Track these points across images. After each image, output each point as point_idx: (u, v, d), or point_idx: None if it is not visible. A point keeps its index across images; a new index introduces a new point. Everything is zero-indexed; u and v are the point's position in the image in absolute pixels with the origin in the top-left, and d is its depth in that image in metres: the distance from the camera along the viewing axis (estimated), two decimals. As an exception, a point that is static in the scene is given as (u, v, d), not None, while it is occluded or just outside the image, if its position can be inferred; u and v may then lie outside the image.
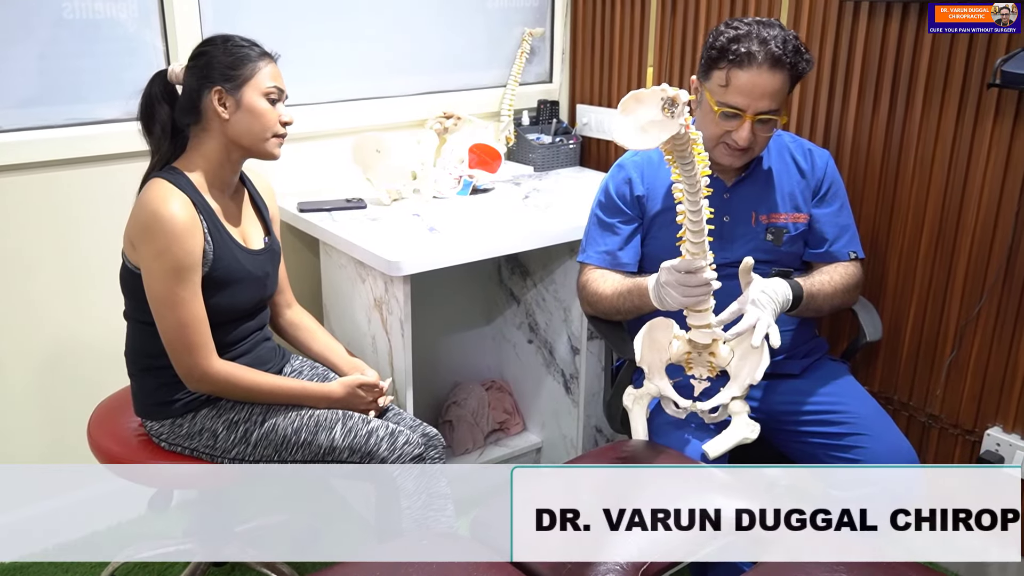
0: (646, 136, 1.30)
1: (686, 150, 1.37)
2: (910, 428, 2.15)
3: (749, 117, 1.72)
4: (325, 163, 2.47)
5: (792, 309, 1.72)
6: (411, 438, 1.76)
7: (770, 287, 1.65)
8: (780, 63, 1.69)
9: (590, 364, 2.36)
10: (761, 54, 1.68)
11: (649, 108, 1.29)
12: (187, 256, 1.62)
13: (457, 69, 2.71)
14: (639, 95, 1.30)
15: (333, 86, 2.48)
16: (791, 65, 1.70)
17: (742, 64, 1.69)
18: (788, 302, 1.69)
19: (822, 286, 1.80)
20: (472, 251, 2.08)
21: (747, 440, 1.62)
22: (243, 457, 1.74)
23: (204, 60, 1.69)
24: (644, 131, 1.30)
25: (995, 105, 1.88)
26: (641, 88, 1.30)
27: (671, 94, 1.28)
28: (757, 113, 1.71)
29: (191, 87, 1.69)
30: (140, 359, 1.77)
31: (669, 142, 1.32)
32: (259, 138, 1.71)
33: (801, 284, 1.74)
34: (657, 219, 1.88)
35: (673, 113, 1.28)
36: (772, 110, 1.72)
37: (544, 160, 2.74)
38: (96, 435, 1.83)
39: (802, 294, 1.72)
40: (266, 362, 1.85)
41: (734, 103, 1.72)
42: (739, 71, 1.70)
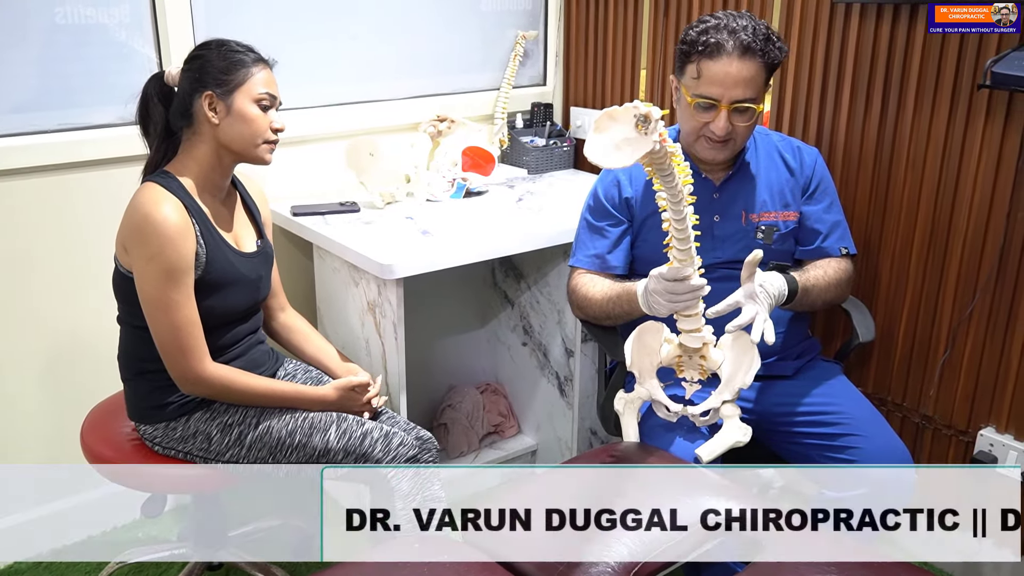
0: (620, 154, 1.30)
1: (665, 163, 1.36)
2: (904, 429, 2.15)
3: (724, 107, 1.73)
4: (319, 167, 2.47)
5: (787, 303, 1.73)
6: (405, 439, 1.76)
7: (767, 281, 1.66)
8: (750, 51, 1.70)
9: (584, 366, 2.36)
10: (731, 43, 1.70)
11: (623, 126, 1.29)
12: (180, 259, 1.62)
13: (451, 72, 2.71)
14: (612, 113, 1.30)
15: (326, 90, 2.48)
16: (762, 53, 1.71)
17: (712, 54, 1.71)
18: (783, 296, 1.70)
19: (816, 280, 1.81)
20: (466, 254, 2.08)
21: (739, 444, 1.62)
22: (237, 460, 1.74)
23: (198, 64, 1.69)
24: (618, 149, 1.29)
25: (986, 106, 1.88)
26: (616, 106, 1.30)
27: (644, 111, 1.28)
28: (732, 102, 1.72)
29: (184, 90, 1.69)
30: (133, 363, 1.77)
31: (646, 157, 1.32)
32: (249, 144, 1.71)
33: (796, 279, 1.75)
34: (647, 222, 1.88)
35: (647, 130, 1.28)
36: (747, 99, 1.73)
37: (538, 163, 2.74)
38: (89, 439, 1.83)
39: (797, 288, 1.73)
40: (260, 365, 1.85)
41: (708, 93, 1.73)
42: (710, 62, 1.71)
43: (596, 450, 1.71)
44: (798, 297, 1.74)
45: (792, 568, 1.32)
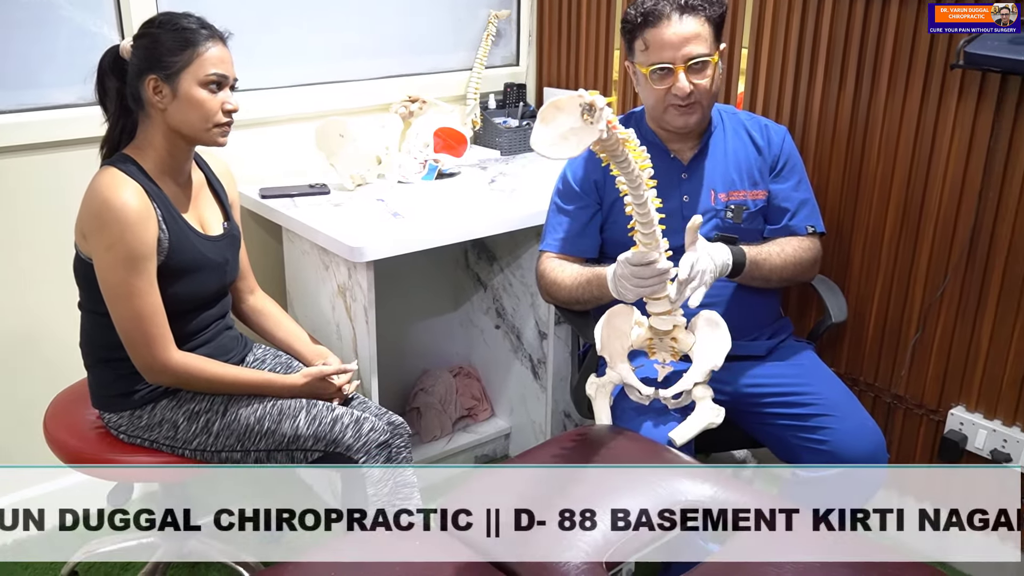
0: (567, 144, 1.28)
1: (617, 150, 1.35)
2: (875, 408, 2.16)
3: (680, 67, 1.74)
4: (288, 148, 2.43)
5: (734, 275, 1.73)
6: (377, 425, 1.74)
7: (712, 251, 1.66)
8: (689, 8, 1.73)
9: (558, 349, 2.35)
10: (668, 7, 1.73)
11: (568, 115, 1.27)
12: (141, 246, 1.57)
13: (422, 52, 2.67)
14: (558, 103, 1.28)
15: (296, 70, 2.43)
16: (702, 7, 1.74)
17: (654, 22, 1.74)
18: (727, 267, 1.70)
19: (769, 255, 1.81)
20: (438, 236, 2.06)
21: (713, 425, 1.62)
22: (205, 448, 1.72)
23: (144, 42, 1.62)
24: (565, 139, 1.27)
25: (959, 86, 1.88)
26: (561, 96, 1.28)
27: (589, 99, 1.25)
28: (686, 61, 1.73)
29: (132, 73, 1.63)
30: (97, 351, 1.73)
31: (597, 145, 1.30)
32: (199, 129, 1.64)
33: (745, 251, 1.75)
34: (616, 205, 1.86)
35: (593, 119, 1.26)
36: (700, 55, 1.74)
37: (511, 144, 2.71)
38: (53, 428, 1.79)
39: (744, 260, 1.74)
40: (228, 351, 1.82)
41: (660, 59, 1.74)
42: (654, 30, 1.74)
43: (568, 434, 1.69)
44: (747, 270, 1.75)
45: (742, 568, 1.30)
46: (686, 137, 1.87)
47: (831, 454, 1.72)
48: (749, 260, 1.75)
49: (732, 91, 2.32)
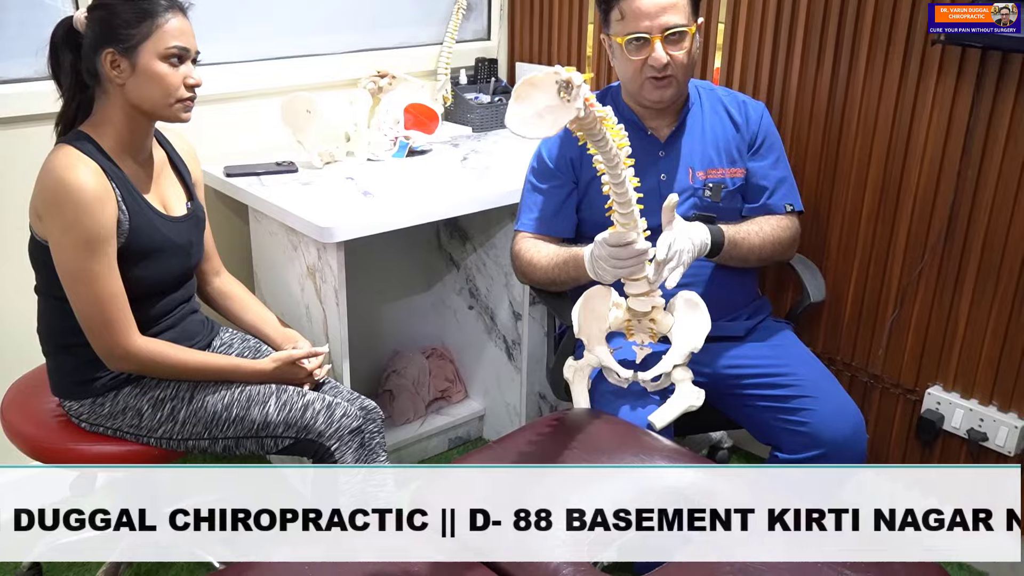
0: (543, 123, 1.24)
1: (595, 128, 1.31)
2: (852, 388, 2.15)
3: (657, 37, 1.70)
4: (253, 125, 2.36)
5: (712, 255, 1.71)
6: (349, 410, 1.70)
7: (690, 231, 1.64)
8: None
9: (533, 330, 2.32)
10: None
11: (544, 93, 1.23)
12: (99, 228, 1.51)
13: (391, 26, 2.61)
14: (533, 80, 1.24)
15: (261, 43, 2.36)
16: None
17: None
18: (706, 247, 1.67)
19: (747, 235, 1.78)
20: (409, 215, 2.01)
21: (692, 407, 1.60)
22: (171, 436, 1.67)
23: (100, 14, 1.54)
24: (540, 117, 1.24)
25: (938, 62, 1.86)
26: (536, 72, 1.24)
27: (565, 77, 1.22)
28: (663, 31, 1.70)
29: (87, 46, 1.55)
30: (56, 336, 1.67)
31: (573, 124, 1.26)
32: (160, 104, 1.57)
33: (724, 231, 1.72)
34: (592, 183, 1.83)
35: (570, 96, 1.22)
36: (677, 25, 1.71)
37: (483, 120, 2.66)
38: (11, 418, 1.73)
39: (723, 240, 1.71)
40: (193, 336, 1.76)
41: (636, 29, 1.71)
42: (629, 1, 1.70)
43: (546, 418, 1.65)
44: (725, 249, 1.72)
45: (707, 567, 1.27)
46: (663, 113, 1.83)
47: (811, 436, 1.71)
48: (728, 239, 1.72)
49: (709, 67, 2.29)
